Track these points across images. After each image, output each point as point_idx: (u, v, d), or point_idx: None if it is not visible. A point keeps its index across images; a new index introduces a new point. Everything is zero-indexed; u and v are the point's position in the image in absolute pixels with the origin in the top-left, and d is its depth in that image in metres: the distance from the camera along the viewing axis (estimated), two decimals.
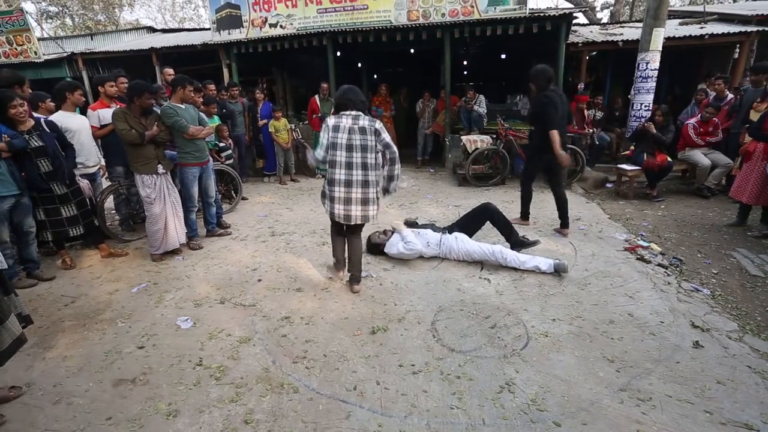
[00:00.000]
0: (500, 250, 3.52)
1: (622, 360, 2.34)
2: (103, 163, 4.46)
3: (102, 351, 2.58)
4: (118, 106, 4.10)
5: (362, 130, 2.94)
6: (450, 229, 3.88)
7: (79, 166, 4.03)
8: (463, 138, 6.60)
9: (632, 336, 2.56)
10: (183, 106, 3.95)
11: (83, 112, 4.39)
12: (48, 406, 2.13)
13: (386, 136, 3.01)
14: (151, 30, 12.84)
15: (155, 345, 2.63)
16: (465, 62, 11.59)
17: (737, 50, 7.51)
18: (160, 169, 3.82)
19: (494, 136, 6.48)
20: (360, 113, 3.00)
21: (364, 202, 3.03)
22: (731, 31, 7.16)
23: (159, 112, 3.90)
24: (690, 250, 3.90)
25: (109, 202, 4.70)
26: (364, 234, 3.50)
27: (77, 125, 4.06)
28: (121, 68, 5.49)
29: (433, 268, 3.57)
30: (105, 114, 4.31)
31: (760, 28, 7.07)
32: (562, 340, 2.54)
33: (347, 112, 2.99)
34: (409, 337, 2.61)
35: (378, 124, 3.00)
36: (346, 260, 3.40)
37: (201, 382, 2.26)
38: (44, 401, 2.16)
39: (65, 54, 9.61)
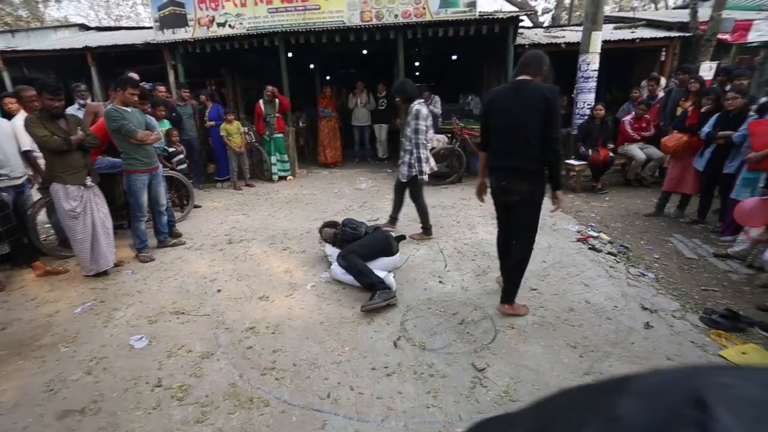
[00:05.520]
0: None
1: (583, 345, 2.46)
2: (31, 173, 4.03)
3: (42, 381, 2.32)
4: (28, 114, 3.62)
5: None
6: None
7: (2, 177, 3.62)
8: None
9: (591, 322, 2.70)
10: (129, 110, 3.68)
11: (7, 116, 3.96)
12: None
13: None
14: (85, 28, 11.91)
15: (106, 369, 2.41)
16: (417, 63, 11.77)
17: (663, 53, 8.22)
18: (89, 181, 3.47)
19: (450, 135, 6.62)
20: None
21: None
22: (658, 36, 7.84)
23: (103, 114, 3.60)
24: (634, 237, 4.20)
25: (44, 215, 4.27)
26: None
27: None
28: (50, 69, 5.01)
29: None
30: None
31: (681, 34, 7.80)
32: (528, 330, 2.63)
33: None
34: (379, 339, 2.59)
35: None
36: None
37: (161, 405, 2.10)
38: None
39: None
